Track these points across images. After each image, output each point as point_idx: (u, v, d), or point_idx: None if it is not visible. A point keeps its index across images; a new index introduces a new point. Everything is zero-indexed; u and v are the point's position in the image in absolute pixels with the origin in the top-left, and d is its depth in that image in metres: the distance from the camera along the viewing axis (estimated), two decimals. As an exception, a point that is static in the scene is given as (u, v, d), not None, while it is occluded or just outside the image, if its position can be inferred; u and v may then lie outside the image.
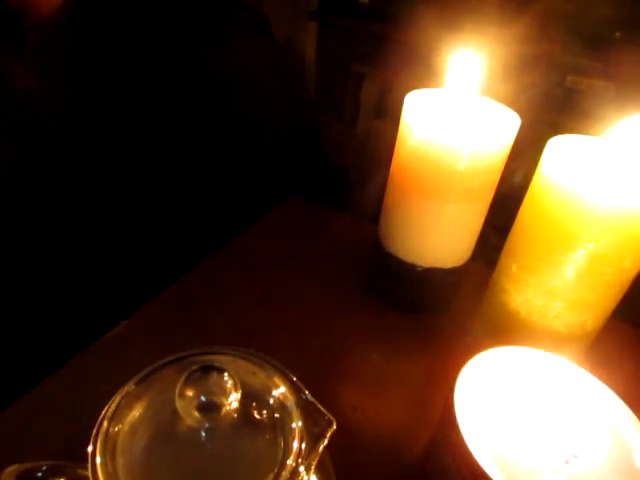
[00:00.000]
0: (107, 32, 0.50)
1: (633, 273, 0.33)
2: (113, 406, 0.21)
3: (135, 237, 0.56)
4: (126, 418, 0.21)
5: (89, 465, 0.19)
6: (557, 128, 0.39)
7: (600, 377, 0.28)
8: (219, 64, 0.55)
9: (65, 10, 0.48)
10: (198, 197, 0.60)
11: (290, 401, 0.22)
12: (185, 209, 0.59)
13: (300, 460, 0.20)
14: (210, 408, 0.20)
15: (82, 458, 0.19)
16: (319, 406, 0.22)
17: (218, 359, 0.23)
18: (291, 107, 0.65)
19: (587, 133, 0.34)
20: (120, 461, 0.19)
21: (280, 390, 0.22)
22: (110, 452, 0.20)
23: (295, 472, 0.19)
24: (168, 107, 0.54)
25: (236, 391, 0.21)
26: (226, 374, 0.21)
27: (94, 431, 0.20)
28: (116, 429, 0.20)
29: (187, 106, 0.54)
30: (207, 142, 0.57)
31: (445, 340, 0.43)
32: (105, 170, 0.53)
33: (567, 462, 0.26)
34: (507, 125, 0.36)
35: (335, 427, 0.21)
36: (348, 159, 1.00)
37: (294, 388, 0.22)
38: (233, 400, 0.21)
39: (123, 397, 0.21)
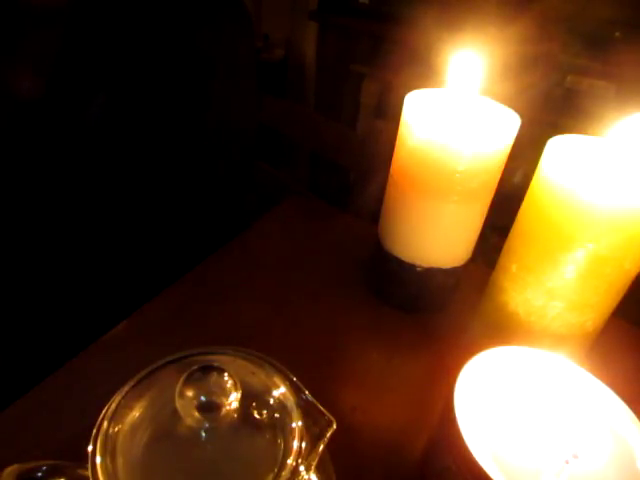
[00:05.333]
0: (99, 34, 0.50)
1: (633, 273, 0.33)
2: (113, 406, 0.21)
3: (135, 237, 0.56)
4: (126, 418, 0.21)
5: (89, 465, 0.19)
6: (557, 128, 0.39)
7: (600, 377, 0.28)
8: (200, 59, 0.55)
9: (61, 11, 0.48)
10: (197, 196, 0.60)
11: (290, 401, 0.22)
12: (184, 209, 0.59)
13: (300, 460, 0.20)
14: (210, 408, 0.20)
15: (82, 458, 0.19)
16: (319, 406, 0.22)
17: (218, 359, 0.23)
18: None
19: (587, 133, 0.34)
20: (120, 461, 0.19)
21: (280, 390, 0.22)
22: (110, 452, 0.19)
23: (295, 472, 0.19)
24: (160, 103, 0.54)
25: (236, 391, 0.21)
26: (226, 374, 0.21)
27: (94, 431, 0.20)
28: (116, 429, 0.20)
29: (174, 100, 0.54)
30: (196, 135, 0.57)
31: (445, 340, 0.43)
32: (103, 170, 0.53)
33: (567, 462, 0.25)
34: (507, 125, 0.36)
35: (335, 427, 0.21)
36: (348, 159, 1.00)
37: (294, 388, 0.22)
38: (233, 400, 0.21)
39: (123, 397, 0.21)
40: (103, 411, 0.21)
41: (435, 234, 0.41)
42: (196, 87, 0.55)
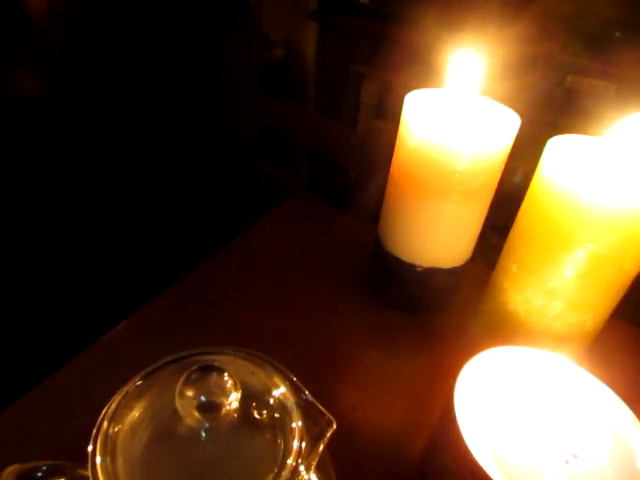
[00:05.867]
0: (104, 37, 0.50)
1: (633, 273, 0.33)
2: (113, 406, 0.21)
3: (135, 237, 0.56)
4: (126, 418, 0.21)
5: (89, 465, 0.19)
6: (557, 128, 0.39)
7: (600, 377, 0.28)
8: (210, 64, 0.55)
9: (65, 14, 0.48)
10: (197, 196, 0.60)
11: (290, 401, 0.22)
12: (185, 208, 0.59)
13: (300, 460, 0.20)
14: (210, 408, 0.20)
15: (82, 458, 0.19)
16: (319, 406, 0.22)
17: (218, 359, 0.23)
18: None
19: (587, 133, 0.34)
20: (120, 461, 0.19)
21: (280, 390, 0.22)
22: (110, 452, 0.20)
23: (295, 472, 0.19)
24: (164, 106, 0.54)
25: (236, 391, 0.21)
26: (226, 374, 0.21)
27: (94, 431, 0.20)
28: (116, 429, 0.20)
29: (179, 104, 0.54)
30: (200, 139, 0.57)
31: (445, 340, 0.43)
32: (103, 170, 0.53)
33: (567, 462, 0.26)
34: (507, 125, 0.36)
35: (335, 427, 0.21)
36: (348, 159, 1.00)
37: (294, 388, 0.22)
38: (233, 400, 0.21)
39: (123, 397, 0.21)
40: (103, 411, 0.21)
41: (435, 234, 0.41)
42: (205, 91, 0.55)
